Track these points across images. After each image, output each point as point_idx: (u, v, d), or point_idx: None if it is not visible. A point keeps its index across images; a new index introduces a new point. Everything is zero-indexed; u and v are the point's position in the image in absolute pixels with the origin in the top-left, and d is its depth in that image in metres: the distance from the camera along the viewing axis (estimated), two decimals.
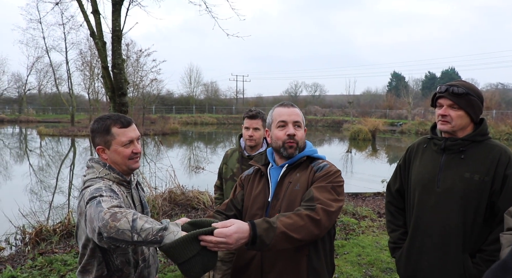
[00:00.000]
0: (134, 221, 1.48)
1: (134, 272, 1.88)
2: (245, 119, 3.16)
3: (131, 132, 1.94)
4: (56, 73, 42.61)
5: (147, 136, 29.40)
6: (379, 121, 30.63)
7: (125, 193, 1.91)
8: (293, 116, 1.96)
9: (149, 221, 1.51)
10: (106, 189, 1.73)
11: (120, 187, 1.88)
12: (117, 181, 1.90)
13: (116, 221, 1.47)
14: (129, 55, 30.50)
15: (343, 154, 20.82)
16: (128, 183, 1.97)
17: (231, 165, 3.26)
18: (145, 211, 2.08)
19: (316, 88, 74.00)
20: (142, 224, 1.48)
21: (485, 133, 2.14)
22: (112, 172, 1.89)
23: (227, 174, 3.27)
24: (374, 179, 11.18)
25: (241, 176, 2.17)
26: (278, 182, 1.95)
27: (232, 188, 2.98)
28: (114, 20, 5.92)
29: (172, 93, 57.48)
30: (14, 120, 49.67)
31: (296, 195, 1.87)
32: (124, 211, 1.52)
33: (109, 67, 5.96)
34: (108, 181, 1.85)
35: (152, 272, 2.04)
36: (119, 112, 5.84)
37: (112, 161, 1.91)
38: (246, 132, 3.14)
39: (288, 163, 1.96)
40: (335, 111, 53.23)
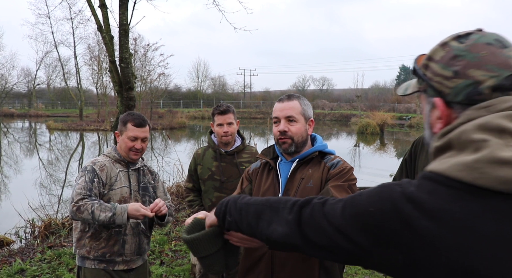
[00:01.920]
0: (92, 212, 2.22)
1: (106, 231, 2.39)
2: (216, 116, 3.05)
3: (139, 132, 2.46)
4: (65, 67, 42.86)
5: (155, 130, 29.50)
6: (387, 115, 30.40)
7: (118, 170, 2.47)
8: (285, 111, 1.89)
9: (103, 209, 2.23)
10: (89, 171, 2.37)
11: (115, 164, 2.49)
12: (114, 158, 2.50)
13: (80, 213, 2.24)
14: (137, 49, 30.57)
15: (351, 148, 20.73)
16: (126, 163, 2.51)
17: (207, 164, 3.12)
18: (141, 193, 2.52)
19: (324, 82, 73.72)
20: (98, 214, 2.22)
21: None
22: (114, 152, 2.52)
23: (203, 174, 3.12)
24: (382, 173, 11.11)
25: (248, 169, 2.09)
26: (289, 177, 1.89)
27: (214, 187, 3.06)
28: (121, 14, 5.90)
29: (180, 87, 57.75)
30: (24, 115, 50.16)
31: (309, 192, 1.82)
32: (85, 204, 2.23)
33: (117, 61, 5.96)
34: (107, 157, 2.50)
35: (129, 241, 2.44)
36: (127, 107, 5.87)
37: (120, 145, 2.51)
38: (220, 129, 3.03)
39: (299, 157, 1.90)
40: (343, 105, 52.91)
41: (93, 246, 2.38)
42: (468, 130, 0.77)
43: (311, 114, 1.96)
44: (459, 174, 0.73)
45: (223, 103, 3.14)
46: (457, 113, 0.84)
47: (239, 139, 3.19)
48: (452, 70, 0.83)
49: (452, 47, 0.85)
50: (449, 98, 0.84)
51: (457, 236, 0.70)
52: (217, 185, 3.06)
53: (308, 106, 1.96)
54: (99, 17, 6.15)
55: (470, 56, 0.82)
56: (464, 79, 0.81)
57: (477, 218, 0.70)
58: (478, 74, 0.80)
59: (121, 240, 2.42)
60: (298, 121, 1.89)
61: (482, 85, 0.80)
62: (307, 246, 0.97)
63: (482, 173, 0.70)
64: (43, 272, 4.33)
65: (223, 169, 3.05)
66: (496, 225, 0.69)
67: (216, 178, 3.07)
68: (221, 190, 3.06)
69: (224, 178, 3.05)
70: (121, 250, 2.42)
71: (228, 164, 3.08)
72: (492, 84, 0.79)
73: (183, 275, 4.27)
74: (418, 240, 0.74)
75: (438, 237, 0.72)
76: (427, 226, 0.73)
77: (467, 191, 0.72)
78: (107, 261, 2.40)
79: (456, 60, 0.83)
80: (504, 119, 0.75)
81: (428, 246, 0.72)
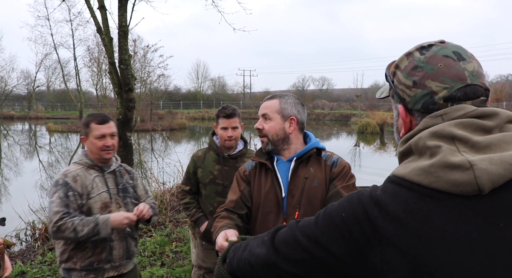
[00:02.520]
0: (74, 229, 2.13)
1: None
2: (221, 119, 2.88)
3: (105, 129, 2.35)
4: (64, 69, 42.79)
5: (155, 131, 29.50)
6: (387, 115, 30.37)
7: (93, 175, 2.34)
8: (262, 109, 1.93)
9: (85, 224, 2.14)
10: (62, 185, 2.23)
11: (89, 171, 2.35)
12: (87, 165, 2.36)
13: (61, 233, 2.14)
14: (136, 51, 30.52)
15: (351, 147, 20.71)
16: (100, 168, 2.38)
17: (209, 167, 2.95)
18: (121, 195, 2.41)
19: (323, 82, 73.67)
20: (81, 229, 2.13)
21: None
22: (85, 158, 2.37)
23: (205, 178, 2.95)
24: (382, 172, 11.07)
25: (242, 170, 2.02)
26: (291, 177, 1.87)
27: (216, 192, 2.91)
28: (121, 15, 5.90)
29: (180, 88, 57.72)
30: (24, 117, 50.16)
31: (315, 191, 1.83)
32: (64, 223, 2.12)
33: (116, 63, 5.95)
34: (79, 164, 2.37)
35: (116, 246, 2.35)
36: (126, 108, 5.87)
37: (89, 149, 2.37)
38: (224, 133, 2.88)
39: (296, 156, 1.89)
40: (342, 105, 52.90)
41: (79, 256, 2.27)
42: (424, 137, 0.82)
43: (292, 113, 1.92)
44: (418, 178, 0.78)
45: (228, 105, 3.00)
46: (417, 120, 0.90)
47: (241, 142, 3.05)
48: (412, 80, 0.89)
49: (414, 57, 0.90)
50: (410, 106, 0.90)
51: (417, 237, 0.74)
52: (220, 189, 2.91)
53: (290, 105, 1.92)
54: (98, 19, 6.15)
55: (428, 67, 0.87)
56: (422, 89, 0.87)
57: (435, 219, 0.74)
58: (433, 85, 0.86)
59: (108, 246, 2.32)
60: (273, 119, 1.90)
61: (437, 96, 0.86)
62: (283, 263, 0.99)
63: (436, 177, 0.75)
64: (44, 274, 4.33)
65: (226, 173, 2.92)
66: (453, 225, 0.73)
67: (218, 182, 2.92)
68: (224, 195, 2.81)
69: (227, 182, 2.87)
70: (109, 256, 2.32)
71: (231, 168, 2.93)
72: (445, 95, 0.85)
73: (184, 276, 4.26)
74: (386, 241, 0.77)
75: (402, 237, 0.76)
76: (391, 227, 0.77)
77: (425, 194, 0.77)
78: (96, 270, 2.30)
79: (416, 71, 0.89)
80: (455, 127, 0.80)
81: (395, 247, 0.76)
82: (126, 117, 5.90)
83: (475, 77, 0.86)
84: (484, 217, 0.72)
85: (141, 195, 2.54)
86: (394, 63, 0.97)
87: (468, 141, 0.78)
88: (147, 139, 26.09)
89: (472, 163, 0.73)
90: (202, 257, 3.01)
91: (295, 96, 1.99)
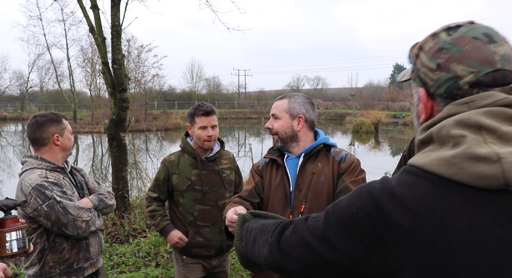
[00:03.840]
0: (95, 223, 2.20)
1: (66, 241, 2.20)
2: (199, 117, 2.64)
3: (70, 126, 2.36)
4: (58, 70, 42.51)
5: (150, 132, 29.40)
6: (381, 114, 30.51)
7: (61, 176, 2.26)
8: (272, 110, 2.05)
9: (97, 216, 2.24)
10: (52, 184, 2.10)
11: (53, 173, 2.22)
12: (49, 168, 2.21)
13: (89, 227, 2.16)
14: (130, 51, 30.42)
15: (346, 146, 20.76)
16: (63, 169, 2.28)
17: (185, 173, 2.68)
18: (80, 192, 2.35)
19: (318, 82, 73.80)
20: (99, 224, 2.26)
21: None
22: (44, 162, 2.20)
23: (181, 185, 2.67)
24: (377, 171, 11.10)
25: (257, 166, 2.12)
26: (298, 173, 1.95)
27: (195, 199, 2.66)
28: (113, 15, 5.86)
29: (174, 88, 57.54)
30: (17, 118, 49.76)
31: (321, 186, 1.90)
32: (90, 218, 2.15)
33: (109, 63, 5.91)
34: (41, 169, 2.17)
35: (92, 243, 2.30)
36: (120, 108, 5.83)
37: (63, 146, 2.26)
38: (203, 132, 2.63)
39: (304, 152, 1.97)
40: (337, 104, 53.01)
41: (57, 260, 2.17)
42: (448, 126, 0.77)
43: (300, 112, 2.01)
44: (438, 169, 0.73)
45: (204, 102, 2.76)
46: (440, 106, 0.84)
47: (217, 143, 2.84)
48: (436, 62, 0.83)
49: (440, 39, 0.84)
50: (432, 90, 0.85)
51: (434, 231, 0.70)
52: (199, 196, 2.66)
53: (299, 104, 2.03)
54: (91, 19, 6.10)
55: (454, 49, 0.81)
56: (446, 73, 0.81)
57: (454, 213, 0.70)
58: (459, 69, 0.80)
59: (84, 244, 2.26)
60: (281, 118, 2.01)
61: (462, 80, 0.79)
62: (291, 265, 0.95)
63: (459, 168, 0.71)
64: None
65: (205, 178, 2.68)
66: (472, 220, 0.69)
67: (197, 189, 2.66)
68: (204, 202, 2.68)
69: (206, 187, 2.67)
70: (87, 254, 2.28)
71: (209, 171, 2.71)
72: (471, 80, 0.79)
73: None
74: (402, 237, 0.73)
75: (418, 232, 0.71)
76: (408, 221, 0.72)
77: (445, 186, 0.72)
78: (76, 271, 2.23)
79: (441, 53, 0.83)
80: (482, 116, 0.74)
81: (410, 242, 0.72)
82: (120, 118, 5.86)
83: (506, 61, 0.79)
84: (509, 214, 0.68)
85: (94, 187, 2.48)
86: (417, 45, 0.91)
87: (496, 131, 0.73)
88: (141, 139, 26.01)
89: (500, 156, 0.68)
90: (184, 273, 2.73)
91: (305, 96, 2.08)
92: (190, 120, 2.74)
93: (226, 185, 2.75)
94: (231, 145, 22.16)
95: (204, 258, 2.73)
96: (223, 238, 2.64)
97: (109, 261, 4.64)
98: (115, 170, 5.96)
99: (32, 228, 2.13)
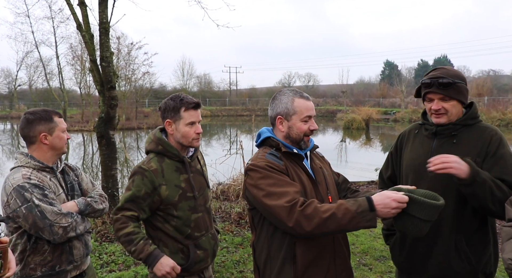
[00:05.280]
0: (76, 228, 2.12)
1: (48, 242, 2.13)
2: (188, 111, 2.27)
3: (64, 122, 2.29)
4: (47, 68, 41.92)
5: (141, 130, 29.23)
6: (372, 110, 30.65)
7: (48, 177, 2.18)
8: (312, 111, 2.06)
9: (81, 221, 2.17)
10: (33, 186, 2.04)
11: (41, 173, 2.15)
12: (37, 167, 2.16)
13: (67, 233, 2.08)
14: (120, 48, 30.16)
15: (337, 143, 20.84)
16: (51, 169, 2.21)
17: (173, 180, 2.27)
18: (70, 193, 2.28)
19: (309, 79, 74.05)
20: (82, 228, 2.18)
21: (475, 117, 2.12)
22: (33, 161, 2.15)
23: (172, 196, 2.25)
24: (368, 167, 11.19)
25: (276, 165, 1.88)
26: (311, 167, 2.04)
27: (189, 209, 2.29)
28: (101, 12, 5.79)
29: (165, 86, 57.18)
30: (5, 116, 49.21)
31: (330, 179, 2.10)
32: (69, 224, 2.07)
33: (98, 60, 5.85)
34: (28, 168, 2.13)
35: (76, 245, 2.24)
36: (109, 106, 5.78)
37: (52, 145, 2.20)
38: (192, 129, 2.28)
39: (309, 149, 2.08)
40: (328, 101, 53.19)
41: (38, 262, 2.11)
42: None
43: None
44: None
45: (185, 94, 2.36)
46: None
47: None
48: None
49: None
50: None
51: None
52: (192, 204, 2.32)
53: None
54: (78, 16, 6.04)
55: None
56: None
57: None
58: None
59: (67, 247, 2.19)
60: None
61: None
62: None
63: None
64: None
65: (194, 181, 2.36)
66: None
67: (189, 196, 2.31)
68: (196, 209, 2.35)
69: (197, 192, 2.36)
70: (70, 257, 2.20)
71: (195, 173, 2.40)
72: None
73: None
74: None
75: None
76: None
77: None
78: (58, 274, 2.17)
79: None
80: None
81: None
82: (109, 116, 5.81)
83: None
84: None
85: (87, 188, 2.41)
86: None
87: None
88: (132, 137, 25.83)
89: None
90: None
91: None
92: (171, 115, 2.29)
93: (209, 184, 2.54)
94: (222, 142, 22.12)
95: (200, 272, 2.42)
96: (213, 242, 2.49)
97: (99, 260, 4.61)
98: (105, 168, 5.91)
99: (14, 228, 2.08)
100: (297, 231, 1.72)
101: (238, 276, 4.22)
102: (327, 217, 1.68)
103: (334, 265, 1.93)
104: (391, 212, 1.68)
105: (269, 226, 1.91)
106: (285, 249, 1.87)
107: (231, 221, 6.15)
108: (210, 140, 23.53)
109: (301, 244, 1.84)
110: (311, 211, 1.69)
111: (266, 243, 1.94)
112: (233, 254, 4.84)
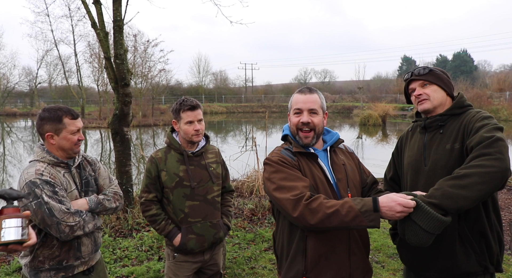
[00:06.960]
0: (84, 227, 2.16)
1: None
2: (184, 112, 2.65)
3: (79, 123, 2.27)
4: (66, 66, 42.84)
5: (157, 126, 29.52)
6: (389, 106, 30.26)
7: (62, 172, 2.22)
8: (308, 104, 1.99)
9: (90, 220, 2.20)
10: (41, 182, 2.07)
11: (55, 168, 2.20)
12: (52, 162, 2.20)
13: (73, 232, 2.11)
14: (137, 46, 30.47)
15: (353, 139, 20.65)
16: (66, 164, 2.25)
17: (172, 169, 2.67)
18: (84, 189, 2.31)
19: (325, 75, 73.45)
20: (91, 227, 2.21)
21: (462, 106, 2.13)
22: (48, 155, 2.20)
23: (170, 181, 2.66)
24: (384, 164, 11.02)
25: (288, 160, 1.97)
26: (331, 164, 2.02)
27: (184, 196, 2.66)
28: (115, 9, 5.84)
29: (181, 83, 57.62)
30: (26, 114, 50.30)
31: (354, 175, 2.06)
32: (76, 223, 2.11)
33: (112, 58, 5.91)
34: (43, 163, 2.18)
35: (85, 242, 2.28)
36: (123, 103, 5.84)
37: (59, 146, 2.21)
38: (190, 127, 2.65)
39: (329, 144, 2.08)
40: (345, 97, 52.70)
41: (46, 255, 2.17)
42: None
43: (325, 107, 2.11)
44: None
45: (188, 97, 2.75)
46: None
47: (203, 138, 2.84)
48: None
49: None
50: None
51: None
52: (188, 192, 2.67)
53: (324, 100, 2.10)
54: (93, 14, 6.11)
55: None
56: None
57: None
58: None
59: (76, 243, 2.24)
60: (319, 114, 2.03)
61: None
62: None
63: None
64: None
65: (192, 173, 2.70)
66: None
67: (186, 185, 2.67)
68: (193, 197, 2.69)
69: (195, 183, 2.69)
70: (78, 253, 2.25)
71: (196, 166, 2.73)
72: None
73: None
74: None
75: None
76: None
77: None
78: (65, 269, 2.22)
79: None
80: None
81: None
82: (123, 112, 5.88)
83: None
84: None
85: (104, 184, 2.44)
86: None
87: None
88: (149, 134, 26.11)
89: None
90: (174, 270, 2.75)
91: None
92: (175, 116, 2.73)
93: (214, 179, 2.77)
94: (238, 139, 22.17)
95: (197, 255, 2.75)
96: (214, 231, 2.73)
97: (112, 255, 4.68)
98: (119, 164, 5.99)
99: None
100: (301, 223, 1.77)
101: (249, 272, 4.23)
102: (331, 213, 1.72)
103: (348, 262, 1.94)
104: (396, 215, 1.70)
105: (284, 218, 1.98)
106: (297, 242, 1.93)
107: (244, 217, 6.17)
108: (226, 137, 23.61)
109: (312, 237, 1.88)
110: (316, 206, 1.74)
111: (282, 234, 2.02)
112: (245, 250, 4.86)
